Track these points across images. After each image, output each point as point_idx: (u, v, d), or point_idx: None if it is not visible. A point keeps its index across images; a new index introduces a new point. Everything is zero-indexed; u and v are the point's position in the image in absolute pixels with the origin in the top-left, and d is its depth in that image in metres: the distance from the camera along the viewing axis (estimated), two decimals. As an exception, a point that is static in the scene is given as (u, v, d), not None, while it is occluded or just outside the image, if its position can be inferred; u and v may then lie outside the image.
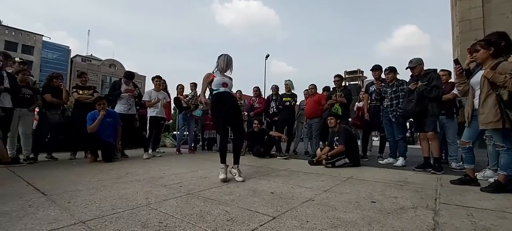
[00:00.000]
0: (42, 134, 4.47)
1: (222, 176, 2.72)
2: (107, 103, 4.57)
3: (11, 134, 3.91)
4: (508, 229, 1.44)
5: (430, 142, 3.48)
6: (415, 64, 3.56)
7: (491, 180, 2.58)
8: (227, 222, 1.52)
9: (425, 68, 3.57)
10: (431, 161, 3.49)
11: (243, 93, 7.05)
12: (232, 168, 2.90)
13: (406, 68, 3.64)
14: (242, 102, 6.71)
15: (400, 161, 4.00)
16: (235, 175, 2.81)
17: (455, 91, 3.74)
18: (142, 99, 5.11)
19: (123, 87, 4.89)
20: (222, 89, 2.99)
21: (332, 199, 2.05)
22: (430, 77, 3.43)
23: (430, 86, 3.37)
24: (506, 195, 2.14)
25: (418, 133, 3.87)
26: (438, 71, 3.69)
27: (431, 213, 1.71)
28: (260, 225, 1.47)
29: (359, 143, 5.13)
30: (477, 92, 2.47)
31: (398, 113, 3.99)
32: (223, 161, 2.86)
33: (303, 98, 6.30)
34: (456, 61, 2.69)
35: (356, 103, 5.90)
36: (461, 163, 3.54)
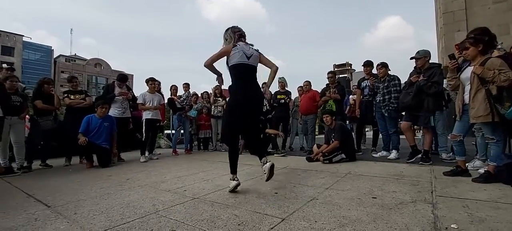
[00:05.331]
0: (34, 141, 4.36)
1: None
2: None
3: (2, 143, 3.79)
4: (502, 219, 1.54)
5: (424, 135, 3.59)
6: (420, 56, 3.56)
7: (481, 170, 2.71)
8: (238, 226, 1.56)
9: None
10: (420, 149, 3.63)
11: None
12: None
13: (411, 58, 3.66)
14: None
15: (393, 154, 4.14)
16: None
17: (444, 85, 3.88)
18: (137, 102, 5.05)
19: (117, 90, 4.81)
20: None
21: (334, 196, 2.12)
22: (432, 72, 3.43)
23: (430, 82, 3.39)
24: (496, 185, 2.26)
25: (401, 123, 3.96)
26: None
27: (429, 207, 1.80)
28: (271, 228, 1.52)
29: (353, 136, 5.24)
30: (467, 88, 2.58)
31: (390, 108, 4.11)
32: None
33: (297, 94, 6.36)
34: (451, 56, 2.75)
35: (350, 96, 5.97)
36: (451, 154, 3.68)
